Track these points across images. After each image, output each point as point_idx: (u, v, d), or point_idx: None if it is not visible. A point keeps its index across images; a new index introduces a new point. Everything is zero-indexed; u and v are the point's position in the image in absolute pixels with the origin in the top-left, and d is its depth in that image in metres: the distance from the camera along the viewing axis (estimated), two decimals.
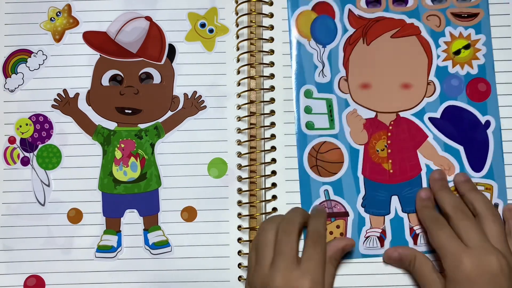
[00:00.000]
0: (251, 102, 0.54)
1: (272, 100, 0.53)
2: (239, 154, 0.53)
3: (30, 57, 0.54)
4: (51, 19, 0.55)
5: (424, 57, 0.52)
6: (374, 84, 0.52)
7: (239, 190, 0.53)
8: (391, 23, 0.53)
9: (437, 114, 0.52)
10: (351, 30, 0.53)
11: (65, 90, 0.54)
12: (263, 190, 0.52)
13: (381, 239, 0.50)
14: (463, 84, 0.52)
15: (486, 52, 0.52)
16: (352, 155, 0.51)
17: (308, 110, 0.52)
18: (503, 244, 0.44)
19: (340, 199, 0.51)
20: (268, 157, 0.53)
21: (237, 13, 0.55)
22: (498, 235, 0.44)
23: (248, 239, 0.52)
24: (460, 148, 0.51)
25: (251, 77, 0.54)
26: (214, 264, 0.52)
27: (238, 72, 0.54)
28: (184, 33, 0.55)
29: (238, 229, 0.52)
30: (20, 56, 0.54)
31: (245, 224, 0.52)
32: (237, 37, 0.55)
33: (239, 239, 0.52)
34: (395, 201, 0.51)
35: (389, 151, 0.51)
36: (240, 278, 0.52)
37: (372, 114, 0.52)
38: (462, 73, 0.52)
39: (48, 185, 0.53)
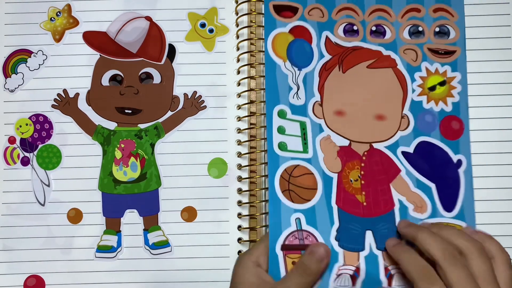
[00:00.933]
0: (251, 102, 0.54)
1: None
2: (239, 154, 0.53)
3: (30, 57, 0.54)
4: (51, 19, 0.55)
5: (399, 90, 0.51)
6: (348, 112, 0.51)
7: (239, 190, 0.53)
8: (368, 54, 0.52)
9: (410, 149, 0.50)
10: (327, 57, 0.51)
11: (65, 90, 0.54)
12: (263, 190, 0.52)
13: (354, 277, 0.47)
14: (437, 120, 0.51)
15: (461, 90, 0.51)
16: (325, 183, 0.49)
17: (281, 130, 0.49)
18: (494, 285, 0.41)
19: (313, 229, 0.47)
20: None
21: (237, 13, 0.55)
22: (488, 275, 0.42)
23: (248, 239, 0.52)
24: (432, 186, 0.50)
25: (251, 77, 0.54)
26: (214, 264, 0.52)
27: (238, 72, 0.54)
28: (184, 33, 0.55)
29: (238, 229, 0.52)
30: (20, 56, 0.54)
31: (245, 224, 0.52)
32: (237, 37, 0.55)
33: (239, 239, 0.52)
34: (369, 237, 0.48)
35: (363, 182, 0.49)
36: None
37: (346, 142, 0.50)
38: (437, 109, 0.51)
39: (48, 185, 0.53)
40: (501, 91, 0.53)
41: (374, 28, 0.52)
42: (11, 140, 0.54)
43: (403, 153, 0.50)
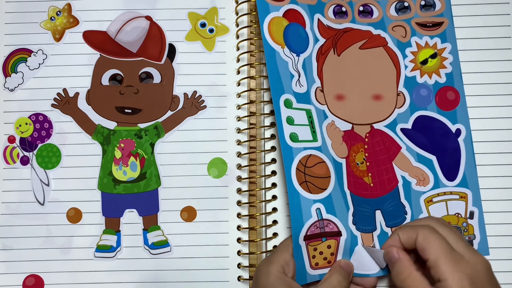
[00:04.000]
0: (251, 102, 0.54)
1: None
2: (239, 154, 0.53)
3: (30, 56, 0.54)
4: (51, 18, 0.55)
5: (392, 68, 0.52)
6: (347, 96, 0.51)
7: (239, 190, 0.53)
8: (359, 34, 0.52)
9: (409, 125, 0.51)
10: (322, 40, 0.52)
11: (65, 90, 0.54)
12: (263, 190, 0.52)
13: None
14: (432, 93, 0.51)
15: (453, 61, 0.52)
16: (336, 169, 0.49)
17: (290, 120, 0.48)
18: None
19: (333, 217, 0.47)
20: (268, 157, 0.53)
21: (237, 13, 0.55)
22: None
23: (247, 239, 0.52)
24: (433, 158, 0.51)
25: (251, 77, 0.54)
26: (213, 264, 0.52)
27: (238, 72, 0.54)
28: (184, 33, 0.55)
29: (238, 229, 0.52)
30: (20, 55, 0.54)
31: (245, 224, 0.52)
32: (237, 37, 0.55)
33: (239, 239, 0.52)
34: (379, 216, 0.50)
35: (368, 164, 0.50)
36: (239, 278, 0.51)
37: (348, 126, 0.51)
38: (431, 82, 0.52)
39: (48, 185, 0.53)
40: (501, 91, 0.53)
41: (361, 8, 0.52)
42: (11, 139, 0.53)
43: (402, 129, 0.51)
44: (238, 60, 0.54)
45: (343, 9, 0.52)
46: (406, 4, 0.52)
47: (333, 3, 0.52)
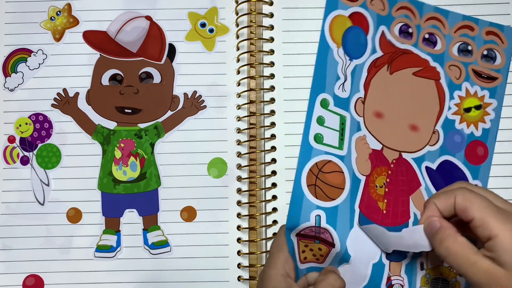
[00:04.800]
0: (251, 102, 0.54)
1: (272, 100, 0.53)
2: (239, 154, 0.53)
3: (30, 56, 0.54)
4: (51, 18, 0.55)
5: (437, 104, 0.51)
6: (387, 116, 0.50)
7: (239, 190, 0.53)
8: (417, 60, 0.52)
9: (434, 166, 0.51)
10: (379, 53, 0.51)
11: (65, 90, 0.54)
12: (263, 190, 0.52)
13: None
14: (465, 143, 0.51)
15: (494, 118, 0.52)
16: (353, 184, 0.48)
17: (320, 121, 0.47)
18: None
19: (331, 229, 0.46)
20: (268, 157, 0.53)
21: (237, 13, 0.55)
22: None
23: (247, 239, 0.52)
24: None
25: (251, 77, 0.54)
26: (213, 264, 0.52)
27: (238, 72, 0.54)
28: (184, 33, 0.55)
29: (238, 229, 0.52)
30: (20, 55, 0.54)
31: (245, 224, 0.52)
32: (237, 37, 0.55)
33: (239, 239, 0.52)
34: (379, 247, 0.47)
35: (387, 190, 0.49)
36: (239, 278, 0.51)
37: (378, 146, 0.50)
38: (467, 131, 0.51)
39: (48, 185, 0.53)
40: None
41: (427, 36, 0.52)
42: (11, 139, 0.53)
43: (427, 168, 0.50)
44: (238, 60, 0.54)
45: (410, 30, 0.51)
46: (469, 48, 0.52)
47: (402, 21, 0.51)
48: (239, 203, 0.52)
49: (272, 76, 0.54)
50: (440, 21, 0.52)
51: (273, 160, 0.53)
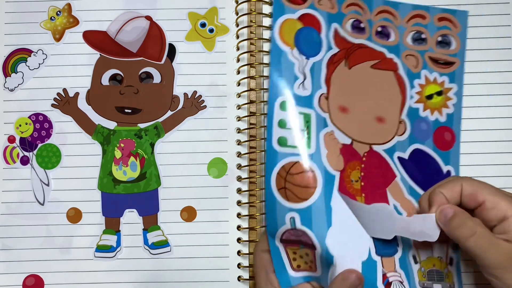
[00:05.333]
0: (251, 102, 0.54)
1: None
2: (239, 154, 0.53)
3: (30, 56, 0.54)
4: (51, 18, 0.55)
5: (398, 95, 0.51)
6: (352, 110, 0.50)
7: (239, 190, 0.53)
8: (372, 53, 0.52)
9: (405, 155, 0.50)
10: (335, 49, 0.51)
11: (65, 90, 0.54)
12: (263, 190, 0.52)
13: None
14: (431, 129, 0.51)
15: (456, 102, 0.52)
16: (326, 181, 0.46)
17: (282, 124, 0.47)
18: None
19: (308, 230, 0.45)
20: None
21: (237, 13, 0.55)
22: None
23: (247, 239, 0.52)
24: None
25: (251, 77, 0.54)
26: (213, 264, 0.52)
27: (238, 72, 0.54)
28: (184, 33, 0.55)
29: (238, 229, 0.52)
30: (20, 55, 0.54)
31: (245, 224, 0.52)
32: (237, 37, 0.55)
33: (239, 239, 0.52)
34: (368, 241, 0.46)
35: (362, 184, 0.48)
36: (239, 278, 0.51)
37: (348, 141, 0.49)
38: (431, 118, 0.51)
39: (48, 185, 0.53)
40: (501, 91, 0.53)
41: (379, 29, 0.52)
42: (11, 139, 0.53)
43: (399, 158, 0.50)
44: (238, 60, 0.54)
45: (362, 25, 0.52)
46: (423, 36, 0.52)
47: (353, 17, 0.52)
48: (239, 203, 0.52)
49: None
50: (391, 13, 0.53)
51: None
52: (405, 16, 0.53)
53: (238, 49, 0.55)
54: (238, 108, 0.54)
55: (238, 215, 0.52)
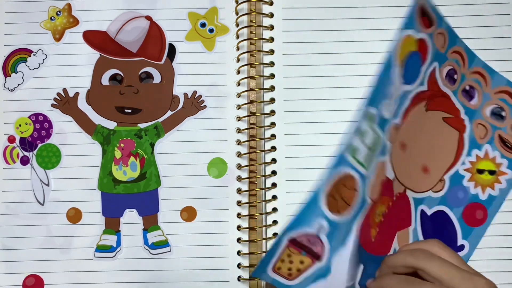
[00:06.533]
0: (251, 102, 0.54)
1: (272, 100, 0.53)
2: (239, 154, 0.53)
3: (30, 56, 0.54)
4: (51, 18, 0.55)
5: (452, 155, 0.51)
6: (408, 149, 0.49)
7: (239, 190, 0.53)
8: (451, 107, 0.51)
9: (429, 212, 0.50)
10: (425, 86, 0.49)
11: (65, 90, 0.54)
12: (263, 190, 0.52)
13: None
14: (466, 201, 0.51)
15: (504, 188, 0.51)
16: (361, 204, 0.45)
17: (362, 134, 0.43)
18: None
19: (326, 243, 0.43)
20: (268, 157, 0.53)
21: (237, 13, 0.55)
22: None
23: (247, 239, 0.52)
24: None
25: (251, 77, 0.54)
26: (213, 264, 0.52)
27: (238, 72, 0.54)
28: (184, 33, 0.55)
29: (238, 229, 0.52)
30: (20, 55, 0.54)
31: (245, 224, 0.52)
32: (237, 37, 0.55)
33: (239, 239, 0.52)
34: (360, 270, 0.46)
35: (382, 220, 0.47)
36: (239, 278, 0.51)
37: (391, 176, 0.48)
38: (472, 191, 0.51)
39: (48, 185, 0.53)
40: None
41: (467, 88, 0.51)
42: (11, 139, 0.53)
43: (422, 211, 0.50)
44: (238, 60, 0.54)
45: (455, 76, 0.50)
46: (503, 114, 0.51)
47: (451, 65, 0.50)
48: (239, 203, 0.52)
49: (272, 76, 0.54)
50: (484, 78, 0.52)
51: (273, 160, 0.53)
52: (496, 87, 0.52)
53: (238, 49, 0.55)
54: (238, 108, 0.54)
55: (238, 215, 0.52)
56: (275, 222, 0.52)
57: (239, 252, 0.52)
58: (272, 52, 0.54)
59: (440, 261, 0.39)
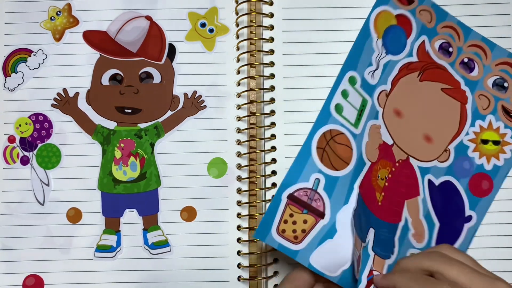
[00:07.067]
0: (251, 102, 0.54)
1: (272, 100, 0.53)
2: (239, 154, 0.53)
3: (30, 56, 0.54)
4: (51, 18, 0.55)
5: (455, 126, 0.52)
6: (405, 117, 0.51)
7: (239, 190, 0.53)
8: (449, 78, 0.52)
9: (437, 182, 0.51)
10: (415, 58, 0.52)
11: (65, 90, 0.54)
12: (263, 190, 0.52)
13: None
14: (472, 171, 0.51)
15: (509, 158, 0.52)
16: (358, 164, 0.48)
17: (345, 94, 0.48)
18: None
19: (326, 196, 0.46)
20: (268, 157, 0.53)
21: (237, 13, 0.55)
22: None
23: (247, 239, 0.52)
24: (436, 224, 0.50)
25: (251, 77, 0.54)
26: (213, 264, 0.52)
27: (238, 72, 0.54)
28: (184, 33, 0.55)
29: (238, 229, 0.52)
30: (20, 55, 0.54)
31: (245, 224, 0.52)
32: (237, 37, 0.55)
33: (239, 239, 0.52)
34: (371, 234, 0.47)
35: (386, 184, 0.49)
36: (239, 278, 0.51)
37: (389, 141, 0.50)
38: (477, 162, 0.51)
39: (48, 185, 0.53)
40: None
41: (466, 60, 0.52)
42: (11, 139, 0.53)
43: (429, 181, 0.51)
44: (238, 60, 0.54)
45: (450, 49, 0.52)
46: (506, 84, 0.52)
47: (445, 38, 0.52)
48: (239, 203, 0.52)
49: (272, 76, 0.54)
50: (484, 50, 0.53)
51: (273, 160, 0.53)
52: (496, 59, 0.53)
53: (238, 49, 0.55)
54: (238, 108, 0.54)
55: (238, 215, 0.52)
56: None
57: (239, 252, 0.52)
58: (272, 52, 0.54)
59: (459, 264, 0.39)
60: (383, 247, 0.47)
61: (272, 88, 0.54)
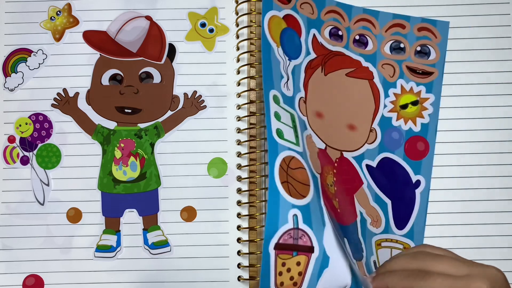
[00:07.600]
0: (251, 102, 0.54)
1: None
2: (239, 154, 0.53)
3: (30, 56, 0.54)
4: (51, 18, 0.55)
5: (371, 104, 0.52)
6: (326, 116, 0.50)
7: (239, 190, 0.53)
8: (349, 61, 0.52)
9: (374, 163, 0.51)
10: (313, 55, 0.51)
11: (65, 90, 0.54)
12: (263, 190, 0.52)
13: None
14: (403, 139, 0.51)
15: (432, 113, 0.52)
16: (314, 181, 0.46)
17: (277, 116, 0.46)
18: None
19: (308, 229, 0.44)
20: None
21: (237, 13, 0.55)
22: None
23: (247, 239, 0.52)
24: (388, 202, 0.50)
25: (251, 77, 0.54)
26: (213, 264, 0.52)
27: (238, 72, 0.54)
28: (184, 33, 0.55)
29: (238, 229, 0.52)
30: (20, 55, 0.54)
31: (245, 224, 0.52)
32: (237, 37, 0.55)
33: (239, 239, 0.52)
34: (347, 245, 0.46)
35: (335, 188, 0.49)
36: (239, 278, 0.51)
37: (322, 146, 0.50)
38: (405, 128, 0.51)
39: (48, 185, 0.53)
40: (501, 91, 0.53)
41: (357, 37, 0.52)
42: (11, 139, 0.53)
43: (367, 166, 0.51)
44: (238, 60, 0.54)
45: (340, 33, 0.52)
46: (402, 45, 0.52)
47: (331, 24, 0.52)
48: (239, 203, 0.52)
49: None
50: (370, 22, 0.53)
51: None
52: (384, 25, 0.53)
53: (238, 49, 0.55)
54: (238, 108, 0.54)
55: (238, 215, 0.52)
56: None
57: (239, 252, 0.52)
58: None
59: (447, 258, 0.38)
60: (356, 250, 0.47)
61: None
